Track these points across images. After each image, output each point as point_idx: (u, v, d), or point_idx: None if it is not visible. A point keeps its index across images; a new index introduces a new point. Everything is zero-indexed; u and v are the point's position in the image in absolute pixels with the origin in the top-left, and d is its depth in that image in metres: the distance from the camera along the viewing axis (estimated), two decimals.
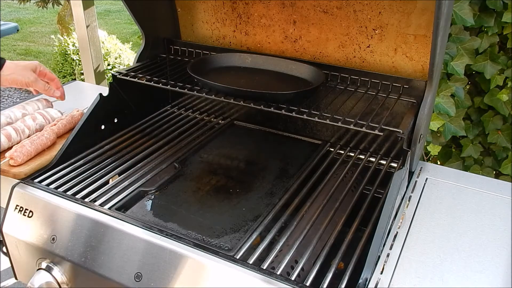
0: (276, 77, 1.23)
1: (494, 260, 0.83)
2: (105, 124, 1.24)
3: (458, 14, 1.50)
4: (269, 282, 0.77)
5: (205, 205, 1.04)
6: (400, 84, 1.14)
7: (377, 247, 0.81)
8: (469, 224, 0.92)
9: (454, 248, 0.86)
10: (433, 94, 1.03)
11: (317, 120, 1.01)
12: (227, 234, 0.93)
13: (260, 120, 1.41)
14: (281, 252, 0.85)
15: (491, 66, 1.60)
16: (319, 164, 1.16)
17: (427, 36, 1.10)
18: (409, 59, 1.15)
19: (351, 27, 1.19)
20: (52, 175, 1.07)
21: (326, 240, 0.88)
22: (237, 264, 0.80)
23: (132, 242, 0.87)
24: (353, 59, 1.23)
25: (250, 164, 1.21)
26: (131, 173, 1.10)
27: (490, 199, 1.00)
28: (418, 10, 1.08)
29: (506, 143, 1.69)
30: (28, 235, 0.98)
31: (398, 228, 0.91)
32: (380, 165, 1.17)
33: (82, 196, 1.00)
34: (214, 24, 1.40)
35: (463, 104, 1.69)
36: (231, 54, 1.31)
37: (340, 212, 0.96)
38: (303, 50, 1.29)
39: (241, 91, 1.07)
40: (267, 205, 1.00)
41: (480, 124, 1.74)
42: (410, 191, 1.03)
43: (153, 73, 1.25)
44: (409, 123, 0.99)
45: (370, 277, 0.78)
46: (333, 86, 1.20)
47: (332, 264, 0.81)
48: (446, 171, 1.12)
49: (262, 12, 1.29)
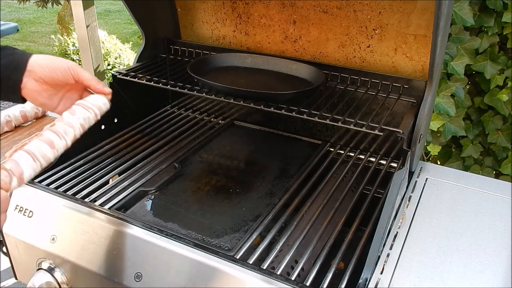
0: (276, 77, 1.23)
1: (494, 260, 0.83)
2: (105, 124, 1.24)
3: (458, 14, 1.50)
4: (269, 282, 0.77)
5: (205, 205, 1.04)
6: (400, 84, 1.14)
7: (377, 247, 0.81)
8: (469, 224, 0.92)
9: (454, 248, 0.86)
10: (433, 94, 1.03)
11: (317, 120, 1.01)
12: (227, 234, 0.93)
13: (260, 120, 1.41)
14: (281, 252, 0.85)
15: (491, 66, 1.60)
16: (319, 164, 1.16)
17: (427, 36, 1.10)
18: (409, 59, 1.15)
19: (351, 27, 1.19)
20: (52, 175, 1.07)
21: (326, 240, 0.88)
22: (237, 264, 0.80)
23: (132, 242, 0.87)
24: (353, 59, 1.23)
25: (250, 164, 1.21)
26: (131, 173, 1.10)
27: (490, 199, 1.00)
28: (418, 10, 1.08)
29: (506, 143, 1.69)
30: (28, 235, 0.98)
31: (398, 228, 0.91)
32: (380, 165, 1.17)
33: (82, 196, 1.00)
34: (214, 24, 1.40)
35: (463, 104, 1.69)
36: (231, 54, 1.31)
37: (340, 212, 0.96)
38: (303, 50, 1.29)
39: (241, 91, 1.07)
40: (267, 205, 1.00)
41: (480, 124, 1.74)
42: (410, 191, 1.03)
43: (153, 73, 1.25)
44: (409, 123, 0.99)
45: (370, 277, 0.78)
46: (333, 86, 1.20)
47: (332, 264, 0.81)
48: (446, 171, 1.12)
49: (262, 12, 1.29)
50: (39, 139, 0.74)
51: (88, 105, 0.84)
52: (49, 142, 0.74)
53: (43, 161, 0.73)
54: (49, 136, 0.75)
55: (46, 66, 0.83)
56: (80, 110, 0.83)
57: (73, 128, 0.80)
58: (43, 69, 0.83)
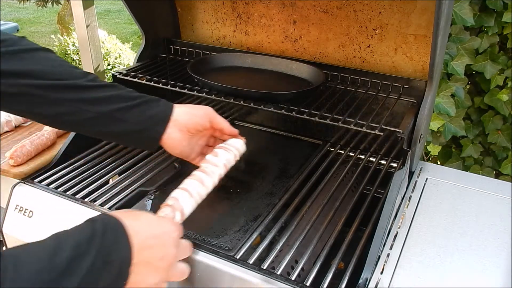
0: (276, 77, 1.23)
1: (494, 260, 0.83)
2: None
3: (458, 14, 1.50)
4: (269, 282, 0.77)
5: (205, 205, 1.04)
6: (400, 84, 1.14)
7: (377, 247, 0.81)
8: (469, 224, 0.92)
9: (454, 248, 0.86)
10: (433, 94, 1.03)
11: (317, 120, 1.01)
12: (227, 234, 0.93)
13: (260, 120, 1.41)
14: (281, 252, 0.85)
15: (491, 66, 1.60)
16: (319, 164, 1.16)
17: (427, 36, 1.10)
18: (409, 59, 1.15)
19: (351, 27, 1.19)
20: (52, 175, 1.07)
21: (326, 240, 0.88)
22: (237, 264, 0.80)
23: None
24: (353, 59, 1.23)
25: (250, 164, 1.21)
26: (131, 173, 1.10)
27: (490, 199, 1.00)
28: (418, 10, 1.08)
29: (506, 143, 1.69)
30: (28, 235, 0.98)
31: (398, 228, 0.91)
32: (380, 165, 1.17)
33: (82, 196, 1.00)
34: (214, 24, 1.40)
35: (463, 104, 1.69)
36: (231, 54, 1.31)
37: (340, 212, 0.96)
38: (303, 50, 1.29)
39: (241, 91, 1.06)
40: (267, 205, 1.00)
41: (480, 124, 1.74)
42: (410, 191, 1.03)
43: (153, 73, 1.25)
44: (409, 123, 0.99)
45: (370, 277, 0.78)
46: (333, 86, 1.20)
47: (332, 264, 0.81)
48: (446, 171, 1.12)
49: (262, 12, 1.29)
50: (192, 179, 0.84)
51: (229, 147, 0.92)
52: (200, 180, 0.83)
53: (198, 197, 0.82)
54: (200, 176, 0.84)
55: (188, 114, 0.89)
56: (222, 152, 0.91)
57: (219, 168, 0.88)
58: (187, 118, 0.88)
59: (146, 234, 0.64)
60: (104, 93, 0.82)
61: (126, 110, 0.83)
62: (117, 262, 0.58)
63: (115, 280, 0.58)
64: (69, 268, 0.52)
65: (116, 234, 0.60)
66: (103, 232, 0.58)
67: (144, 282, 0.63)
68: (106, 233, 0.58)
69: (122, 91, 0.85)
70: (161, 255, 0.65)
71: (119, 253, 0.59)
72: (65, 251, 0.53)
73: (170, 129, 0.87)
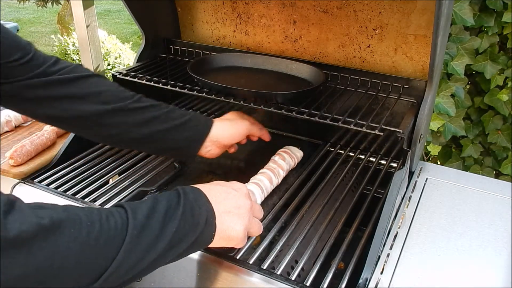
0: (276, 77, 1.23)
1: (494, 260, 0.83)
2: None
3: (458, 14, 1.50)
4: (269, 282, 0.77)
5: None
6: (400, 84, 1.14)
7: (377, 247, 0.81)
8: (469, 224, 0.92)
9: (454, 248, 0.86)
10: (433, 94, 1.03)
11: (317, 120, 1.01)
12: None
13: (260, 120, 1.40)
14: (281, 252, 0.85)
15: (491, 66, 1.60)
16: (319, 164, 1.16)
17: (427, 36, 1.10)
18: (409, 59, 1.15)
19: (351, 27, 1.19)
20: (52, 175, 1.07)
21: (326, 240, 0.88)
22: (237, 264, 0.80)
23: None
24: (353, 59, 1.23)
25: (250, 164, 1.21)
26: (131, 173, 1.10)
27: (490, 199, 1.00)
28: (418, 10, 1.08)
29: (506, 143, 1.69)
30: None
31: (398, 228, 0.91)
32: (380, 165, 1.17)
33: (82, 196, 1.00)
34: (214, 24, 1.40)
35: (463, 104, 1.69)
36: (231, 54, 1.31)
37: (340, 212, 0.96)
38: (303, 50, 1.29)
39: (241, 91, 1.07)
40: (267, 205, 1.00)
41: (480, 124, 1.74)
42: (410, 191, 1.03)
43: (153, 73, 1.25)
44: (409, 123, 0.99)
45: (370, 277, 0.78)
46: (333, 86, 1.20)
47: (332, 264, 0.81)
48: (446, 171, 1.12)
49: (262, 12, 1.29)
50: (262, 176, 1.01)
51: (292, 154, 1.12)
52: (269, 178, 1.01)
53: (265, 192, 1.00)
54: (269, 174, 1.02)
55: (228, 132, 1.00)
56: (287, 157, 1.10)
57: (283, 171, 1.06)
58: (226, 136, 1.00)
59: (219, 190, 0.73)
60: (148, 114, 0.91)
61: (166, 131, 0.92)
62: (204, 214, 0.66)
63: (203, 230, 0.66)
64: (167, 215, 0.62)
65: (195, 193, 0.68)
66: (185, 193, 0.67)
67: (230, 229, 0.70)
68: (188, 194, 0.67)
69: (164, 110, 0.93)
70: (237, 204, 0.72)
71: (203, 206, 0.67)
72: (161, 202, 0.63)
73: (208, 147, 0.98)
